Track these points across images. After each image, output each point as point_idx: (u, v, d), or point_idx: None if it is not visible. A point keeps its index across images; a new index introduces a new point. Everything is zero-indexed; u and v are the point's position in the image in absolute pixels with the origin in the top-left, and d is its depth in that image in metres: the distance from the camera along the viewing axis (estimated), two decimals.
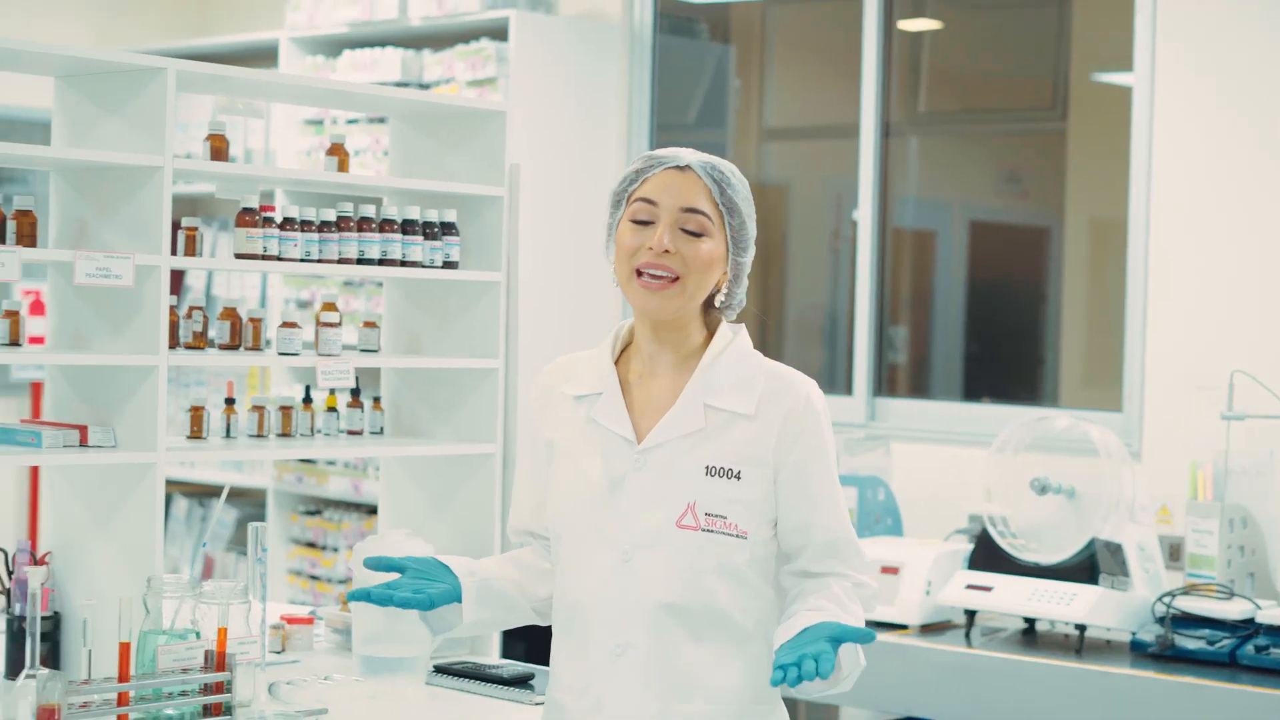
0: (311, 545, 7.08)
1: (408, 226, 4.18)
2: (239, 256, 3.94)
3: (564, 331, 6.50)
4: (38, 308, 6.97)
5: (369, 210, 4.15)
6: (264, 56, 7.44)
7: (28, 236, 3.65)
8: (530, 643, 5.63)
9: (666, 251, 2.95)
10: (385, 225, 4.15)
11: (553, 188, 6.51)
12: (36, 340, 4.15)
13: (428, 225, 4.21)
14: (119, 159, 3.70)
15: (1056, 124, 6.95)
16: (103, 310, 3.82)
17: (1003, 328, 7.06)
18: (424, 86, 6.71)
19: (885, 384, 6.46)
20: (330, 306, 4.13)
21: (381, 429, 4.38)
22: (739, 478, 2.95)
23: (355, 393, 4.31)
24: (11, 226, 3.65)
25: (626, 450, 2.99)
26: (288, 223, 3.98)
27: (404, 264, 4.17)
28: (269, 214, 3.95)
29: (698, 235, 2.97)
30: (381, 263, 4.14)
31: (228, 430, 4.10)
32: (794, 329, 7.34)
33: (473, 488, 4.32)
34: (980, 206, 7.50)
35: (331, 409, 4.28)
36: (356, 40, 7.03)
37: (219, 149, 3.98)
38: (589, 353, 3.17)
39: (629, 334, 3.13)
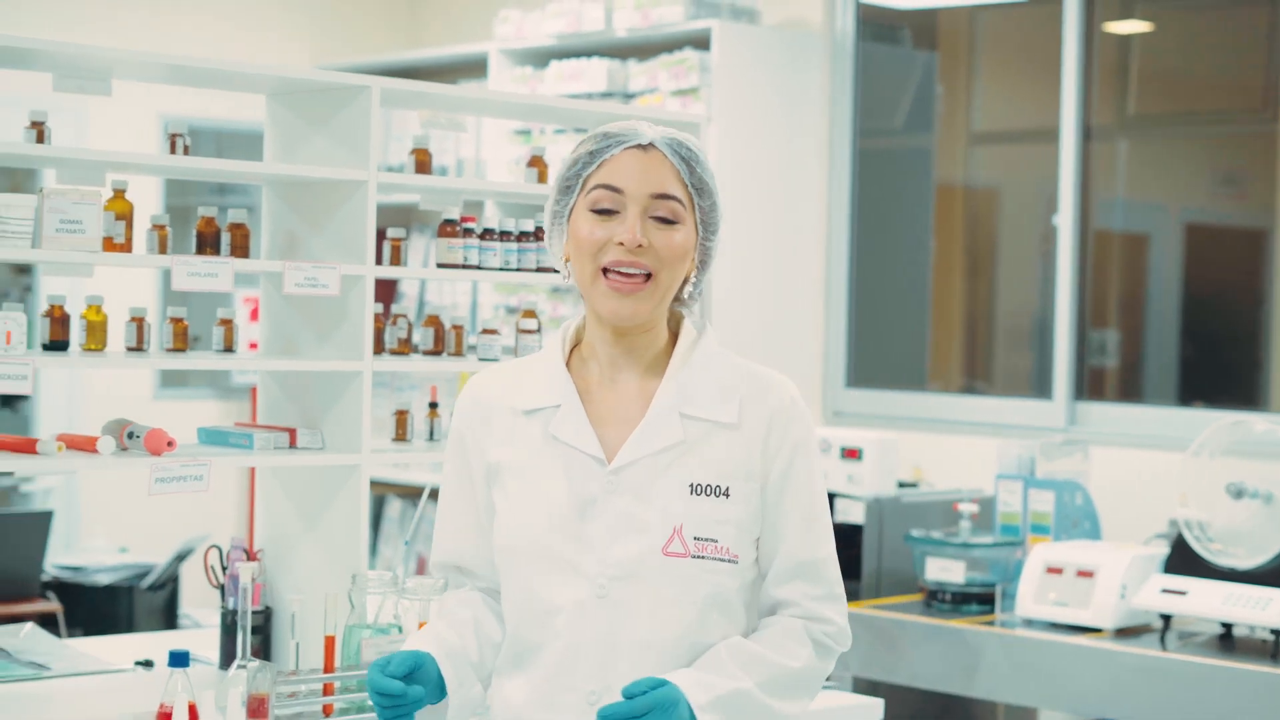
0: None
1: None
2: (441, 266, 4.09)
3: (760, 338, 6.60)
4: (258, 314, 7.23)
5: None
6: (474, 68, 7.62)
7: (241, 248, 3.83)
8: None
9: (640, 246, 2.61)
10: None
11: (753, 196, 6.60)
12: (256, 345, 4.34)
13: None
14: (326, 174, 3.86)
15: (1268, 125, 6.89)
16: (311, 318, 3.98)
17: (1219, 331, 7.01)
18: (629, 96, 6.84)
19: (1089, 388, 6.45)
20: (529, 314, 4.25)
21: None
22: (727, 495, 2.64)
23: None
24: (226, 238, 3.83)
25: (595, 470, 2.64)
26: (487, 233, 4.12)
27: None
28: (469, 225, 4.09)
29: (670, 223, 2.64)
30: None
31: (431, 433, 4.24)
32: (1003, 333, 7.35)
33: None
34: (1196, 209, 7.44)
35: None
36: (563, 51, 7.18)
37: (423, 162, 4.13)
38: (529, 360, 2.82)
39: (575, 335, 2.78)
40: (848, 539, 5.79)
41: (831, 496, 5.85)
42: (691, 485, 2.63)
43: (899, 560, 5.72)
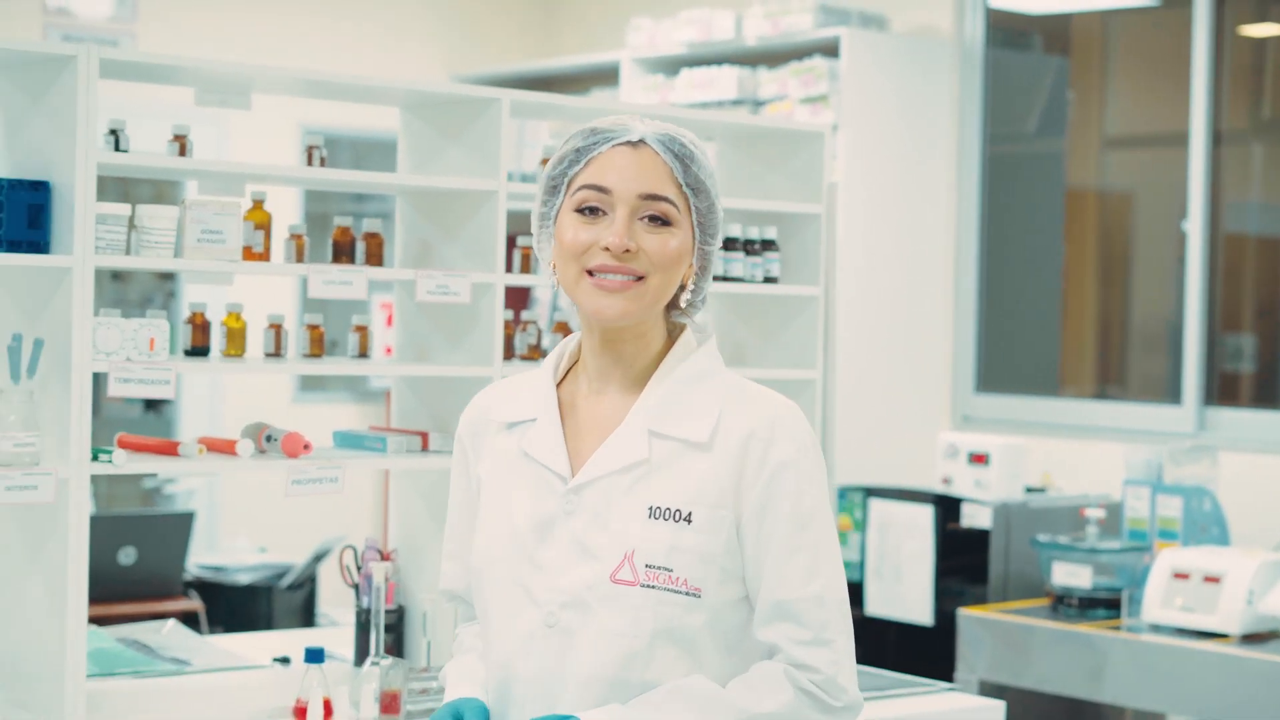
0: None
1: (729, 243, 4.37)
2: None
3: (889, 343, 6.63)
4: (392, 320, 7.36)
5: None
6: (606, 76, 7.71)
7: (375, 256, 3.94)
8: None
9: (628, 251, 2.40)
10: None
11: (881, 202, 6.64)
12: (391, 350, 4.45)
13: (748, 242, 4.39)
14: (458, 184, 3.96)
15: None
16: (443, 324, 4.08)
17: None
18: (758, 104, 6.90)
19: (1224, 393, 6.42)
20: None
21: None
22: (689, 521, 2.39)
23: None
24: (361, 247, 3.94)
25: (558, 488, 2.44)
26: None
27: (726, 279, 4.36)
28: None
29: (661, 225, 2.42)
30: None
31: None
32: (1138, 339, 7.33)
33: None
34: None
35: None
36: (694, 59, 7.25)
37: None
38: (530, 373, 2.60)
39: (577, 349, 2.57)
40: (975, 543, 5.83)
41: (958, 501, 5.88)
42: (650, 508, 2.40)
43: (1026, 565, 5.74)
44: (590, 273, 2.41)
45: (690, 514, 2.39)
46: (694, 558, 2.37)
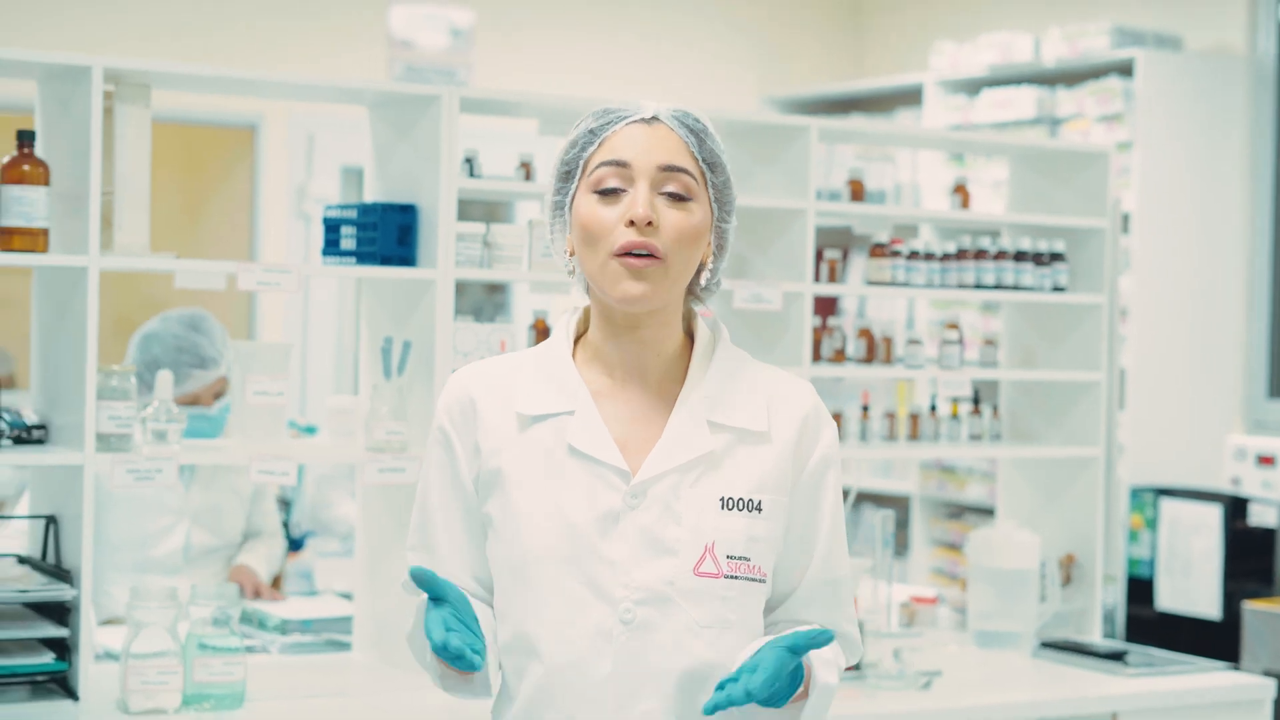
0: (952, 547, 7.64)
1: (1020, 255, 4.72)
2: (871, 283, 4.57)
3: (1181, 350, 6.85)
4: None
5: (985, 242, 4.71)
6: (910, 97, 8.06)
7: None
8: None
9: (650, 223, 2.36)
10: (1000, 255, 4.70)
11: (1175, 215, 6.86)
12: None
13: (1038, 255, 4.74)
14: (771, 203, 4.38)
15: None
16: (758, 330, 4.49)
17: None
18: (1056, 122, 7.19)
19: None
20: (952, 325, 4.71)
21: (999, 434, 4.93)
22: (760, 509, 2.40)
23: (976, 401, 4.87)
24: None
25: (617, 484, 2.38)
26: (914, 254, 4.59)
27: (1017, 289, 4.71)
28: (897, 247, 4.56)
29: (681, 200, 2.39)
30: (997, 288, 4.69)
31: (863, 434, 4.72)
32: None
33: (1079, 486, 4.82)
34: None
35: (954, 416, 4.85)
36: (995, 80, 7.55)
37: (856, 192, 4.62)
38: (525, 356, 2.51)
39: (578, 330, 2.52)
40: (1262, 542, 6.07)
41: (1246, 501, 6.12)
42: (723, 499, 2.40)
43: None
44: (615, 256, 2.37)
45: (760, 502, 2.41)
46: (765, 545, 2.41)
